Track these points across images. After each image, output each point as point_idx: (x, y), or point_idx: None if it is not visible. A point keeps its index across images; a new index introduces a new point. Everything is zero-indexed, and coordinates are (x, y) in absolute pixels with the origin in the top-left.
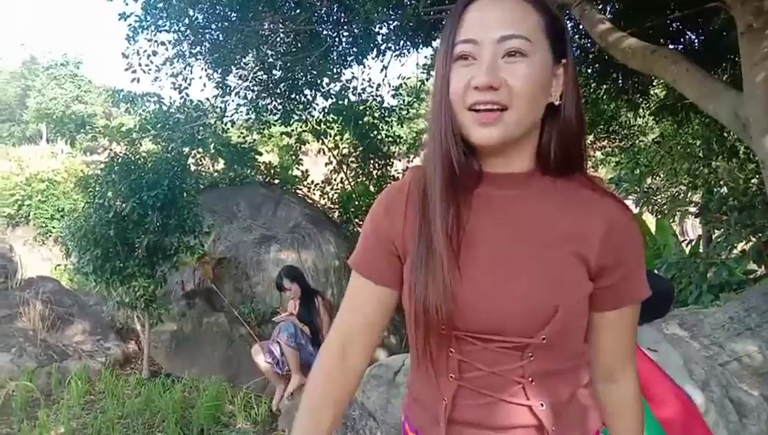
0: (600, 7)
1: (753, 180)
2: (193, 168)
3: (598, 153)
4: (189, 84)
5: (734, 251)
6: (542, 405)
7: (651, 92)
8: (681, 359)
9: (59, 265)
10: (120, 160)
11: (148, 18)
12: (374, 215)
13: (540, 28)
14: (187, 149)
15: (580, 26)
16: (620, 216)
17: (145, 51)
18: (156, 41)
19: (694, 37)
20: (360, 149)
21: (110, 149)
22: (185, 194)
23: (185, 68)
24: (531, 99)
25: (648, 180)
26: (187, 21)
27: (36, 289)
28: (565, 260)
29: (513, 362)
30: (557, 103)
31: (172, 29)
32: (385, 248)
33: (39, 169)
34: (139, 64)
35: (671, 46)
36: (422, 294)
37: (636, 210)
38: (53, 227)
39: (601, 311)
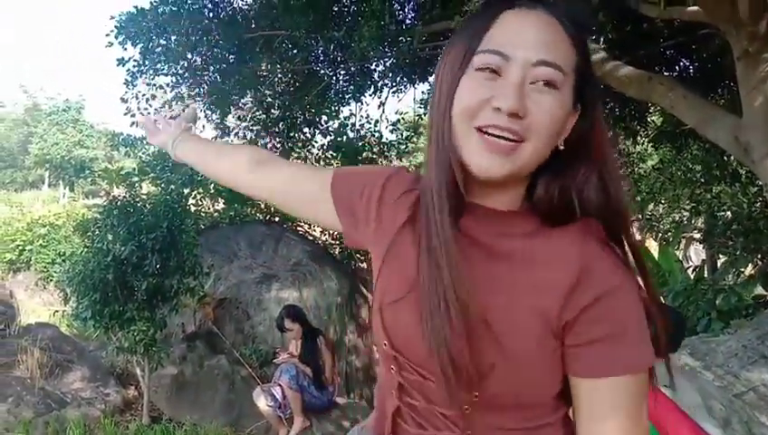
0: (593, 37)
1: (756, 204)
2: (193, 208)
3: None
4: None
5: (741, 276)
6: None
7: (649, 119)
8: (699, 396)
9: (57, 310)
10: (118, 204)
11: (147, 63)
12: (377, 174)
13: (572, 63)
14: (186, 190)
15: None
16: (604, 271)
17: (143, 95)
18: (154, 84)
19: (688, 64)
20: None
21: (109, 193)
22: (184, 235)
23: (183, 110)
24: (549, 137)
25: (650, 207)
26: (185, 64)
27: (35, 336)
28: (518, 313)
29: (447, 408)
30: (561, 147)
31: (170, 72)
32: (357, 200)
33: (41, 214)
34: (138, 108)
35: (666, 73)
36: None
37: (638, 238)
38: (55, 272)
39: (573, 375)
